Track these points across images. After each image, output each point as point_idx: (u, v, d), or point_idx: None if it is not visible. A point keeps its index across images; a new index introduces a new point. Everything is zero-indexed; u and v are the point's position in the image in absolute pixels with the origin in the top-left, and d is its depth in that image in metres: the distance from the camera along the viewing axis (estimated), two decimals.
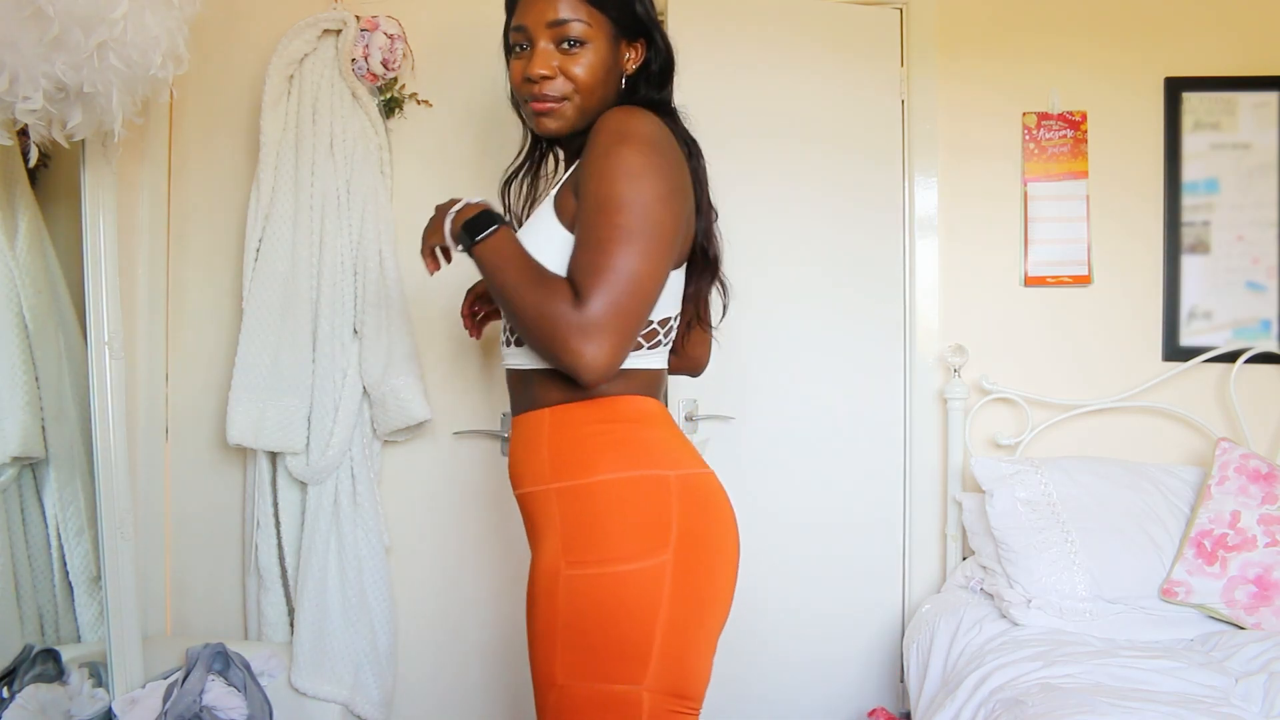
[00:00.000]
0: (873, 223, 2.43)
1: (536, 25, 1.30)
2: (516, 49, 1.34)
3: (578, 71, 1.30)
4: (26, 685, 1.79)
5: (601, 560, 1.22)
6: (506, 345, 1.36)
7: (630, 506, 1.24)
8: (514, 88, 1.36)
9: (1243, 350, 2.33)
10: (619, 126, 1.24)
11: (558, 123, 1.33)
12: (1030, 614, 2.04)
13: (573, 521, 1.24)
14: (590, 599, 1.21)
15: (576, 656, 1.21)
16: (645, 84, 1.38)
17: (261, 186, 2.12)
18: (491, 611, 2.28)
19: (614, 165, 1.20)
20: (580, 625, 1.21)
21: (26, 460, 1.89)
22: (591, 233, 1.19)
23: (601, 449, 1.27)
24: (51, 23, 1.44)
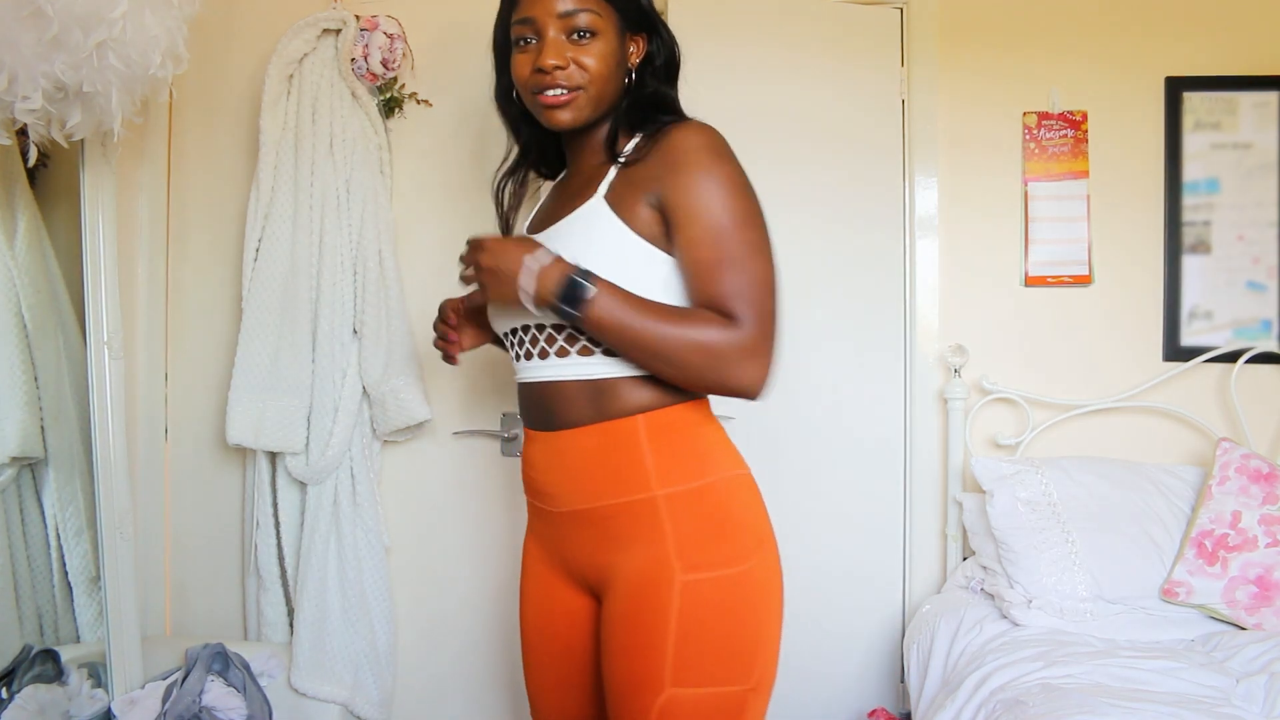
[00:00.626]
0: (873, 222, 2.43)
1: (546, 16, 1.28)
2: (521, 42, 1.32)
3: (590, 62, 1.29)
4: (26, 685, 1.79)
5: (720, 563, 1.23)
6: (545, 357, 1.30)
7: (739, 506, 1.29)
8: (520, 81, 1.33)
9: (1243, 350, 2.33)
10: (709, 142, 1.24)
11: (572, 114, 1.30)
12: (1031, 614, 2.04)
13: (687, 526, 1.24)
14: (711, 602, 1.22)
15: (691, 661, 1.20)
16: (651, 78, 1.37)
17: (261, 186, 2.12)
18: (492, 611, 2.28)
19: (725, 182, 1.23)
20: (699, 630, 1.21)
21: (26, 460, 1.89)
22: (723, 251, 1.20)
23: (709, 450, 1.29)
24: (51, 22, 1.44)
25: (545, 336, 1.30)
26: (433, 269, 2.24)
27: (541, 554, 1.43)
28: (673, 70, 1.40)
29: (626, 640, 1.24)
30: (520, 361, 1.36)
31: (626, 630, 1.24)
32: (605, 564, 1.30)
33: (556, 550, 1.39)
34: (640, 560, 1.24)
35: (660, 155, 1.26)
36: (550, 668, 1.43)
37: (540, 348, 1.31)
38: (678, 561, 1.22)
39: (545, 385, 1.31)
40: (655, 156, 1.26)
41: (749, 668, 1.24)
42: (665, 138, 1.26)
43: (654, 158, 1.26)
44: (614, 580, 1.28)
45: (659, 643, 1.21)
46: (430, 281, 2.24)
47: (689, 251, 1.22)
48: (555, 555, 1.39)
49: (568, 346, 1.28)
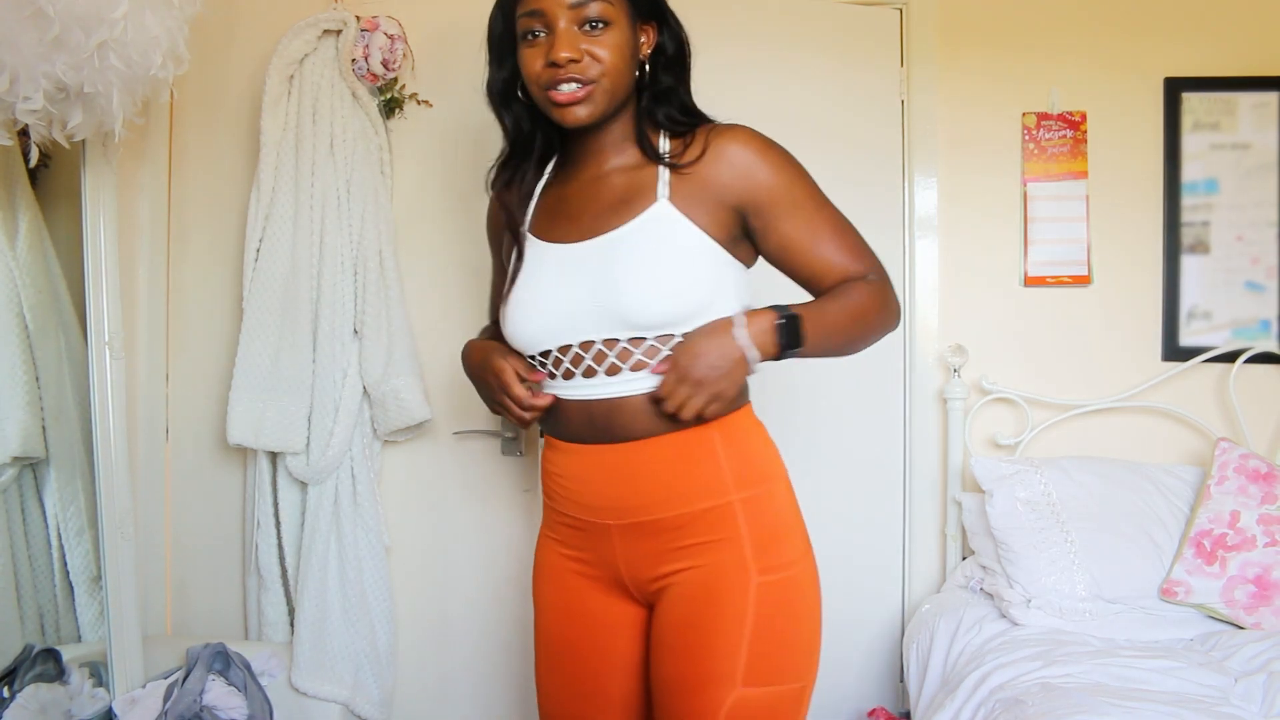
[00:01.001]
0: (872, 222, 2.39)
1: (556, 7, 1.23)
2: (529, 36, 1.26)
3: (604, 53, 1.24)
4: (27, 685, 1.79)
5: (782, 564, 1.27)
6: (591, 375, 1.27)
7: (793, 508, 1.33)
8: (531, 76, 1.27)
9: (1242, 350, 2.33)
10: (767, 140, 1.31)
11: (589, 109, 1.25)
12: (1030, 614, 2.04)
13: (759, 529, 1.27)
14: (779, 603, 1.25)
15: (762, 661, 1.23)
16: (664, 71, 1.33)
17: (261, 186, 2.12)
18: (492, 611, 2.28)
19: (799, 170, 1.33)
20: (769, 630, 1.24)
21: (27, 460, 1.89)
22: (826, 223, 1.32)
23: (770, 453, 1.34)
24: (52, 23, 1.44)
25: (594, 354, 1.26)
26: (433, 269, 2.24)
27: (576, 566, 1.37)
28: (683, 60, 1.36)
29: (694, 640, 1.25)
30: (563, 380, 1.30)
31: (696, 630, 1.25)
32: (669, 571, 1.28)
33: (603, 561, 1.34)
34: (715, 563, 1.25)
35: (726, 162, 1.27)
36: (581, 679, 1.39)
37: (586, 365, 1.27)
38: (754, 564, 1.25)
39: (602, 402, 1.27)
40: (719, 163, 1.27)
41: (807, 665, 1.28)
42: (720, 144, 1.27)
43: (718, 165, 1.27)
44: (677, 585, 1.27)
45: (734, 643, 1.22)
46: (430, 281, 2.24)
47: (803, 234, 1.30)
48: (599, 566, 1.34)
49: (619, 363, 1.26)
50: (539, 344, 1.31)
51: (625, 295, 1.22)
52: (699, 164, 1.26)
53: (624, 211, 1.27)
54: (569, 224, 1.32)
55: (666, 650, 1.27)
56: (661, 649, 1.28)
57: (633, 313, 1.23)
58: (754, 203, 1.28)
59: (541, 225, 1.36)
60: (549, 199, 1.38)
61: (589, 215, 1.30)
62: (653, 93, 1.32)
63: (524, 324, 1.31)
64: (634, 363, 1.25)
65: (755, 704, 1.22)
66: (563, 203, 1.35)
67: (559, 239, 1.32)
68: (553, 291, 1.29)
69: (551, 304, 1.28)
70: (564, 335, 1.28)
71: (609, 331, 1.25)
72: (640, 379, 1.25)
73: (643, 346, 1.25)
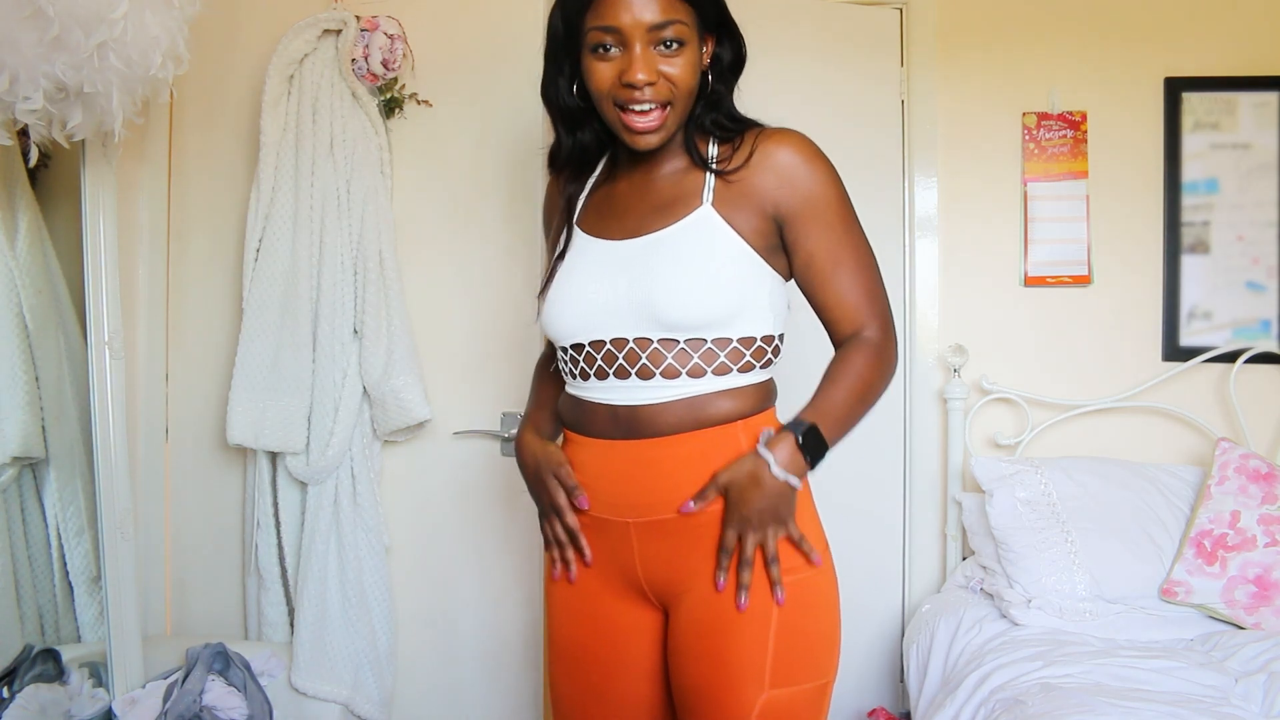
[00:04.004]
0: (873, 223, 2.39)
1: (635, 28, 1.19)
2: (600, 49, 1.22)
3: (678, 74, 1.22)
4: (26, 685, 1.79)
5: (804, 564, 1.27)
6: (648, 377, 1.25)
7: (812, 506, 1.32)
8: (601, 91, 1.24)
9: (1243, 350, 2.34)
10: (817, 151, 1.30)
11: (661, 135, 1.25)
12: (1030, 614, 2.04)
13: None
14: (802, 602, 1.25)
15: (788, 661, 1.23)
16: (719, 79, 1.32)
17: (261, 186, 2.12)
18: (492, 611, 2.28)
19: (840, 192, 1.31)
20: (794, 629, 1.24)
21: (26, 460, 1.89)
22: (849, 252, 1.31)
23: None
24: (51, 23, 1.44)
25: (626, 354, 1.26)
26: (433, 269, 2.24)
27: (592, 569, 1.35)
28: (739, 69, 1.35)
29: (718, 644, 1.24)
30: (596, 380, 1.30)
31: (719, 635, 1.24)
32: (688, 571, 1.27)
33: (619, 563, 1.32)
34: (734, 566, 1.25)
35: (770, 168, 1.26)
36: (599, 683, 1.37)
37: (619, 365, 1.27)
38: (776, 564, 1.25)
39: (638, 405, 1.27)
40: (764, 169, 1.26)
41: (829, 661, 1.29)
42: (766, 149, 1.26)
43: (763, 171, 1.26)
44: (696, 588, 1.26)
45: (760, 645, 1.23)
46: (430, 281, 2.24)
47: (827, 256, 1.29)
48: (615, 566, 1.33)
49: (651, 367, 1.25)
50: (572, 336, 1.31)
51: (659, 295, 1.23)
52: (744, 170, 1.26)
53: (668, 214, 1.28)
54: (615, 222, 1.33)
55: (689, 655, 1.27)
56: (683, 654, 1.28)
57: (665, 313, 1.23)
58: (790, 210, 1.27)
59: (589, 220, 1.36)
60: (599, 195, 1.38)
61: (635, 215, 1.31)
62: (706, 100, 1.30)
63: (559, 315, 1.32)
64: (665, 368, 1.25)
65: (784, 704, 1.23)
66: (611, 201, 1.36)
67: (603, 235, 1.33)
68: (592, 285, 1.29)
69: (589, 296, 1.29)
70: (597, 330, 1.28)
71: (641, 330, 1.25)
72: (671, 386, 1.25)
73: (674, 350, 1.25)
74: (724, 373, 1.25)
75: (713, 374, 1.25)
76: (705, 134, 1.31)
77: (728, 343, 1.25)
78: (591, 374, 1.30)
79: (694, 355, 1.25)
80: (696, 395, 1.25)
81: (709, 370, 1.25)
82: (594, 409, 1.31)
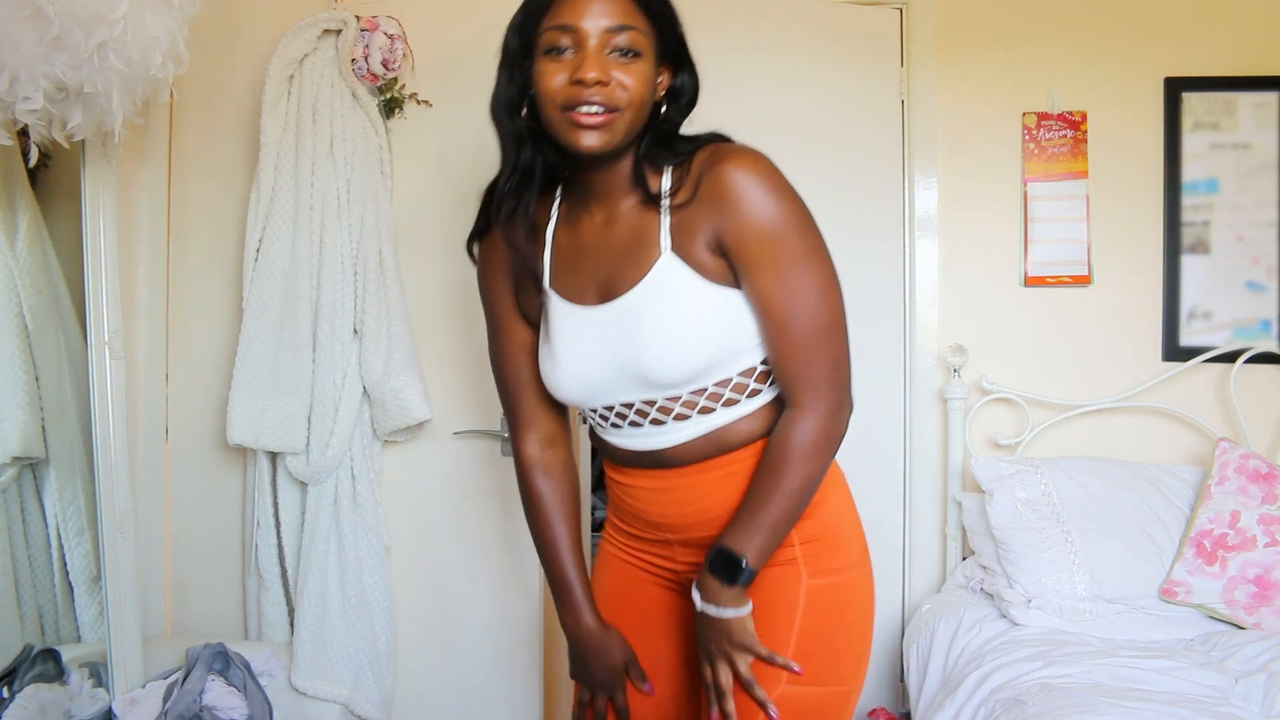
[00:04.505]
0: (873, 223, 2.43)
1: (591, 26, 1.17)
2: (554, 51, 1.18)
3: (632, 82, 1.17)
4: (26, 685, 1.79)
5: (836, 570, 1.28)
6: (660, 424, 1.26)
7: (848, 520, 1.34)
8: (548, 92, 1.18)
9: (1243, 350, 2.34)
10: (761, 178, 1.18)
11: (605, 137, 1.18)
12: (1030, 614, 2.04)
13: (810, 537, 1.28)
14: (830, 605, 1.27)
15: (807, 660, 1.24)
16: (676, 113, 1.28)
17: (261, 186, 2.12)
18: (492, 611, 2.28)
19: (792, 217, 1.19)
20: (818, 630, 1.25)
21: (26, 460, 1.89)
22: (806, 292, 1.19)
23: None
24: (51, 23, 1.44)
25: (635, 411, 1.27)
26: (433, 269, 2.24)
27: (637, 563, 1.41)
28: (691, 107, 1.30)
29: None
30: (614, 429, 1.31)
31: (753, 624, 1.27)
32: None
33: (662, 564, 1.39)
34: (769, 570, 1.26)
35: (713, 196, 1.18)
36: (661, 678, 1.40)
37: (631, 420, 1.28)
38: (805, 567, 1.27)
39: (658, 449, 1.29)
40: (708, 197, 1.18)
41: (854, 669, 1.30)
42: (713, 174, 1.18)
43: (708, 198, 1.18)
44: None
45: (781, 641, 1.24)
46: (430, 281, 2.24)
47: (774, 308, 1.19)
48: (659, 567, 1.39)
49: (661, 417, 1.26)
50: (580, 405, 1.33)
51: (646, 365, 1.22)
52: (693, 199, 1.20)
53: (633, 265, 1.23)
54: (587, 280, 1.29)
55: None
56: None
57: (657, 379, 1.23)
58: (733, 244, 1.18)
59: (561, 279, 1.32)
60: (563, 246, 1.32)
61: (603, 267, 1.27)
62: (655, 134, 1.25)
63: (559, 387, 1.32)
64: (676, 414, 1.26)
65: (798, 701, 1.23)
66: (578, 253, 1.30)
67: (579, 299, 1.29)
68: (582, 357, 1.28)
69: (584, 370, 1.28)
70: (601, 397, 1.29)
71: (641, 394, 1.25)
72: (686, 427, 1.26)
73: (680, 400, 1.25)
74: (733, 404, 1.26)
75: (722, 408, 1.26)
76: (656, 166, 1.25)
77: (728, 381, 1.24)
78: (608, 425, 1.32)
79: (700, 399, 1.25)
80: (711, 430, 1.26)
81: (718, 406, 1.25)
82: (619, 450, 1.34)
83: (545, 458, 1.42)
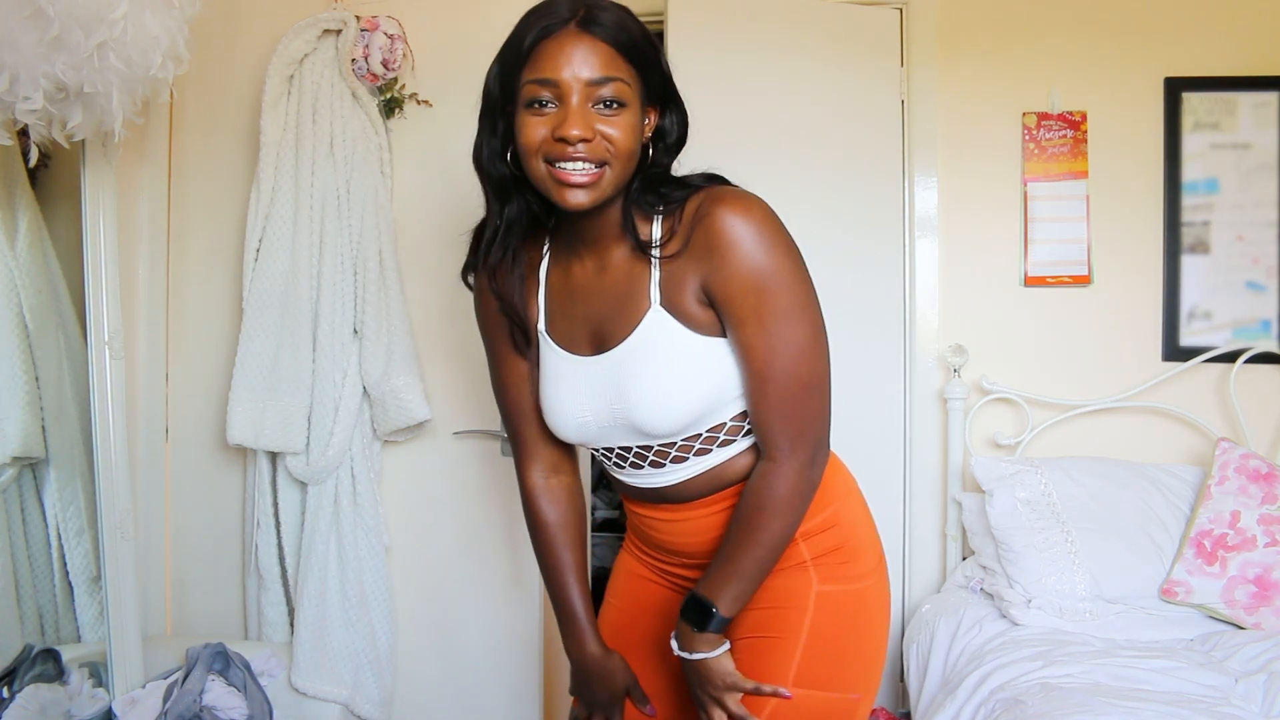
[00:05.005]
0: (873, 223, 2.43)
1: (573, 80, 1.12)
2: (535, 104, 1.14)
3: (617, 135, 1.14)
4: (26, 685, 1.79)
5: (849, 578, 1.29)
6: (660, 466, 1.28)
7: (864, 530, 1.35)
8: (530, 147, 1.15)
9: (1243, 350, 2.33)
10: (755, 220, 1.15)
11: (593, 194, 1.15)
12: (1030, 614, 2.04)
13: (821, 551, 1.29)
14: (840, 612, 1.27)
15: (816, 665, 1.24)
16: (665, 154, 1.25)
17: (261, 186, 2.12)
18: (492, 611, 2.28)
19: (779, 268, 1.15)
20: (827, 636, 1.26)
21: (26, 460, 1.89)
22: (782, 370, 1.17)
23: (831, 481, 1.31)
24: (51, 23, 1.44)
25: (634, 455, 1.29)
26: (433, 269, 2.24)
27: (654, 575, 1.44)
28: (681, 145, 1.27)
29: (756, 642, 1.28)
30: (617, 468, 1.34)
31: (758, 629, 1.28)
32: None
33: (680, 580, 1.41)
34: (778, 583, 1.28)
35: (702, 245, 1.15)
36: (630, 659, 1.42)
37: (631, 461, 1.30)
38: (816, 575, 1.28)
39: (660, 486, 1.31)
40: (698, 246, 1.16)
41: (865, 678, 1.29)
42: (703, 223, 1.15)
43: (697, 247, 1.16)
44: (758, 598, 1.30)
45: (790, 644, 1.25)
46: (430, 281, 2.24)
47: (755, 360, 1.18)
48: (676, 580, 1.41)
49: (660, 460, 1.28)
50: (581, 445, 1.35)
51: (639, 418, 1.22)
52: (684, 250, 1.18)
53: (624, 319, 1.22)
54: (579, 327, 1.28)
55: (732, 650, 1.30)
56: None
57: (651, 430, 1.23)
58: (716, 292, 1.16)
59: (555, 325, 1.31)
60: (556, 290, 1.31)
61: (596, 317, 1.26)
62: (645, 178, 1.21)
63: (559, 429, 1.33)
64: (673, 457, 1.27)
65: (803, 705, 1.24)
66: (570, 298, 1.29)
67: (572, 347, 1.29)
68: (578, 405, 1.28)
69: (581, 419, 1.28)
70: (600, 441, 1.30)
71: (638, 441, 1.27)
72: (685, 468, 1.27)
73: (676, 445, 1.26)
74: (729, 444, 1.27)
75: (718, 448, 1.26)
76: (646, 213, 1.22)
77: (722, 425, 1.25)
78: (612, 464, 1.34)
79: (695, 443, 1.26)
80: (709, 469, 1.27)
81: (714, 447, 1.26)
82: (627, 485, 1.36)
83: (550, 485, 1.41)
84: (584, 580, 1.42)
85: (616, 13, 1.16)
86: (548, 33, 1.14)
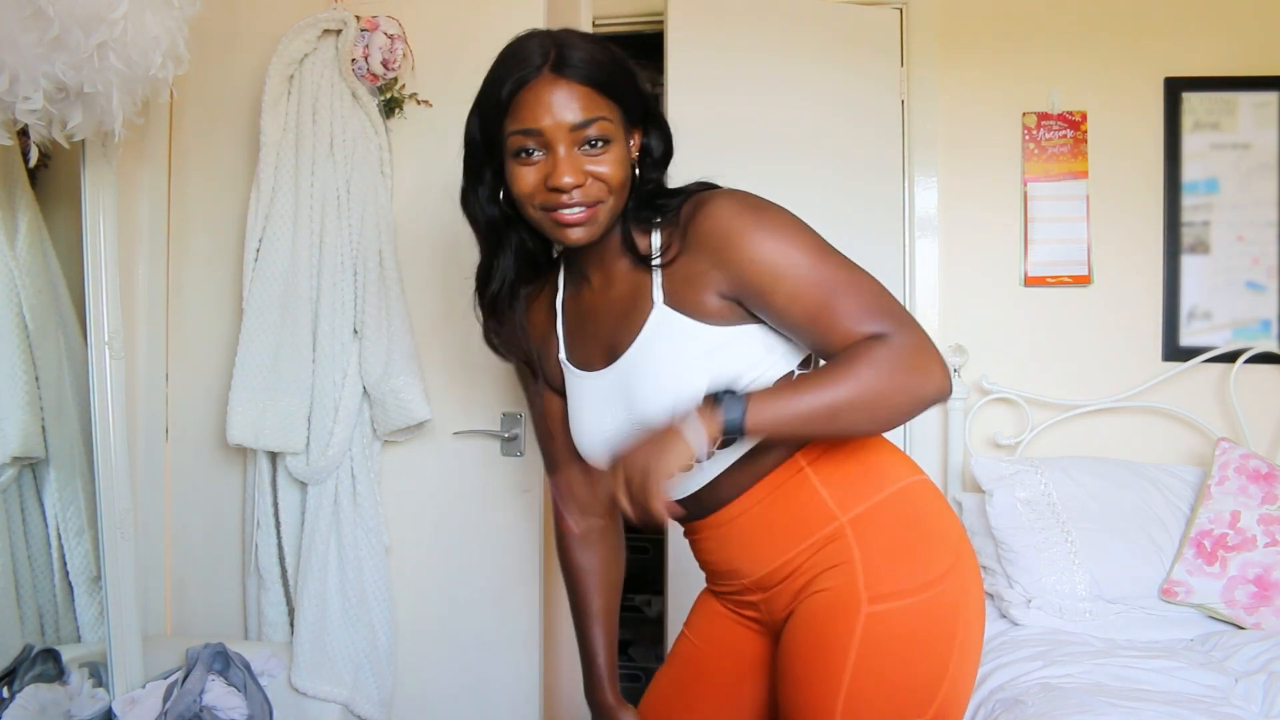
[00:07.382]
0: (873, 223, 2.43)
1: (556, 129, 1.14)
2: (522, 154, 1.17)
3: (607, 171, 1.16)
4: (26, 685, 1.79)
5: (909, 590, 1.17)
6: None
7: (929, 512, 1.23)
8: (525, 195, 1.18)
9: (1243, 350, 2.34)
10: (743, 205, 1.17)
11: (591, 230, 1.18)
12: (1030, 614, 2.04)
13: (875, 548, 1.19)
14: (896, 634, 1.17)
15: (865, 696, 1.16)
16: (652, 170, 1.26)
17: (261, 186, 2.12)
18: (492, 611, 2.28)
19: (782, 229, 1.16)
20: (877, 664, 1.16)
21: (26, 460, 1.89)
22: (826, 285, 1.13)
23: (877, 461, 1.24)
24: (51, 23, 1.44)
25: None
26: (433, 269, 2.24)
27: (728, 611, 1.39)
28: (667, 160, 1.28)
29: (802, 671, 1.21)
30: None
31: (804, 660, 1.21)
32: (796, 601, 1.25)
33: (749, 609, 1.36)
34: (827, 591, 1.20)
35: (703, 242, 1.17)
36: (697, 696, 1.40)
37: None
38: (865, 592, 1.17)
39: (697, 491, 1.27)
40: (697, 246, 1.17)
41: (929, 697, 1.17)
42: (696, 223, 1.17)
43: (696, 248, 1.17)
44: (797, 613, 1.24)
45: (835, 676, 1.16)
46: (430, 282, 2.24)
47: (794, 307, 1.14)
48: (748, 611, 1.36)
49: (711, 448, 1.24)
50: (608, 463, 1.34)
51: (653, 416, 1.19)
52: (684, 254, 1.19)
53: (630, 324, 1.23)
54: (593, 345, 1.30)
55: (780, 678, 1.26)
56: (778, 676, 1.26)
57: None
58: (740, 280, 1.16)
59: (573, 350, 1.33)
60: (571, 316, 1.34)
61: (605, 331, 1.28)
62: (638, 196, 1.23)
63: (588, 451, 1.32)
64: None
65: None
66: (583, 321, 1.32)
67: (588, 365, 1.30)
68: (598, 423, 1.28)
69: (604, 434, 1.28)
70: None
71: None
72: (714, 463, 1.23)
73: None
74: None
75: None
76: (644, 227, 1.24)
77: None
78: None
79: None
80: (738, 458, 1.24)
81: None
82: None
83: (583, 525, 1.40)
84: (610, 627, 1.40)
85: (586, 49, 1.16)
86: (523, 82, 1.15)
